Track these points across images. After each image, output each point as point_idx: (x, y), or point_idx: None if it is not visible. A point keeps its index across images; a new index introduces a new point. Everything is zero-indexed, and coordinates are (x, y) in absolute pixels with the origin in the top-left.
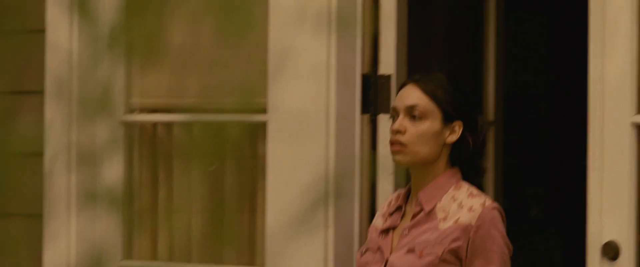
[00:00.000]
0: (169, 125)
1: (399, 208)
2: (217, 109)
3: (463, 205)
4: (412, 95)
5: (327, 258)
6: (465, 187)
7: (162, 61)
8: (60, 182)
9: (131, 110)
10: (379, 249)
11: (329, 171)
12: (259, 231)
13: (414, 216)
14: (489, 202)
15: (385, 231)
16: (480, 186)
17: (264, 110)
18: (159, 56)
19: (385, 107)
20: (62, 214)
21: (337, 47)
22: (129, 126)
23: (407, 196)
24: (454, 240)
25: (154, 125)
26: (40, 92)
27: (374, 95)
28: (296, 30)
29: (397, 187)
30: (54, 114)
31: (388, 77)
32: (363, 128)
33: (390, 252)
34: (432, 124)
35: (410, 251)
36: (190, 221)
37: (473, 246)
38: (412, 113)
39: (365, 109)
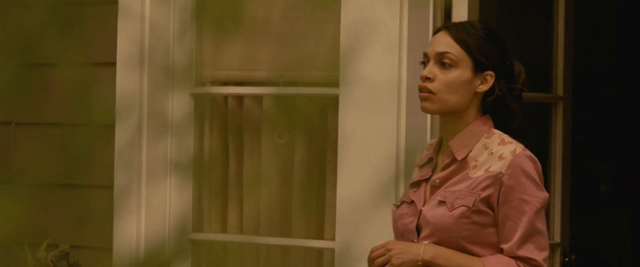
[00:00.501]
0: (240, 98)
1: (430, 160)
2: (289, 82)
3: (494, 153)
4: (443, 42)
5: None
6: (497, 135)
7: (237, 33)
8: (132, 153)
9: (203, 83)
10: (412, 202)
11: (400, 144)
12: (329, 204)
13: (445, 167)
14: (520, 149)
15: (417, 183)
16: (515, 132)
17: (336, 84)
18: (237, 27)
19: None
20: (133, 186)
21: (410, 19)
22: (200, 98)
23: (438, 147)
24: (485, 188)
25: (226, 98)
26: (114, 64)
27: None
28: (369, 2)
29: None
30: (126, 84)
31: None
32: None
33: (423, 205)
34: (462, 72)
35: (442, 202)
36: (260, 194)
37: (504, 195)
38: (441, 60)
39: None
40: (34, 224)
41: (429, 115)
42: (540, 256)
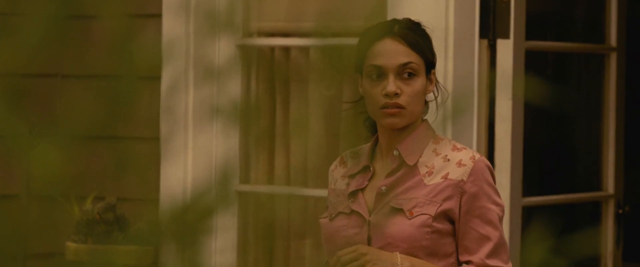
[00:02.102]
0: (286, 49)
1: (365, 168)
2: (335, 33)
3: (449, 159)
4: (400, 52)
5: None
6: (446, 141)
7: None
8: (179, 102)
9: (249, 34)
10: (353, 212)
11: (447, 91)
12: None
13: (391, 173)
14: (477, 155)
15: (353, 193)
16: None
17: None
18: None
19: (504, 32)
20: (180, 135)
21: None
22: (246, 49)
23: (371, 154)
24: (446, 199)
25: (272, 49)
26: (160, 16)
27: (493, 20)
28: None
29: (515, 111)
30: (172, 32)
31: (508, 3)
32: (481, 52)
33: (369, 214)
34: (422, 79)
35: (397, 210)
36: (306, 146)
37: (467, 204)
38: (403, 72)
39: (483, 33)
40: (80, 177)
41: (475, 63)
42: (505, 264)
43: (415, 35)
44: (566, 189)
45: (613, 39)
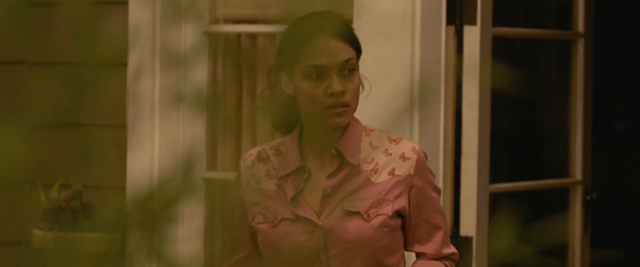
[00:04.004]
0: (253, 36)
1: (299, 169)
2: None
3: (391, 152)
4: (340, 49)
5: None
6: (377, 131)
7: None
8: (145, 88)
9: (216, 21)
10: (298, 217)
11: (414, 75)
12: None
13: (333, 173)
14: (417, 145)
15: (294, 197)
16: None
17: (349, 20)
18: None
19: (471, 19)
20: (145, 122)
21: None
22: (213, 36)
23: (300, 153)
24: (398, 196)
25: (238, 35)
26: (126, 3)
27: (460, 7)
28: None
29: (483, 98)
30: (138, 19)
31: None
32: (448, 38)
33: (319, 218)
34: (358, 73)
35: (353, 213)
36: (272, 132)
37: (416, 197)
38: (344, 69)
39: (450, 19)
40: (46, 164)
41: (442, 48)
42: (455, 249)
43: (349, 30)
44: (534, 176)
45: (580, 25)
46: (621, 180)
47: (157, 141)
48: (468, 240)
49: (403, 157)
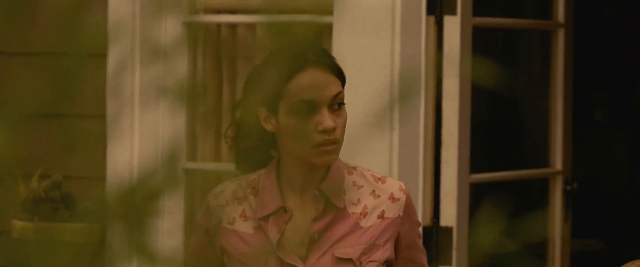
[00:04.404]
0: (233, 26)
1: (280, 210)
2: (282, 10)
3: (379, 194)
4: (329, 83)
5: (391, 161)
6: (359, 169)
7: None
8: (125, 80)
9: (196, 11)
10: (283, 264)
11: (394, 71)
12: None
13: (320, 217)
14: (402, 184)
15: (280, 242)
16: None
17: (329, 12)
18: None
19: (451, 9)
20: (126, 113)
21: None
22: (193, 27)
23: (279, 192)
24: (388, 240)
25: (218, 26)
26: None
27: None
28: None
29: (463, 88)
30: (118, 9)
31: None
32: (428, 29)
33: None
34: (345, 108)
35: (345, 260)
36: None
37: (402, 240)
38: (334, 103)
39: (430, 10)
40: (26, 155)
41: (422, 43)
42: None
43: (334, 60)
44: (514, 166)
45: (560, 15)
46: (601, 170)
47: (137, 132)
48: (448, 230)
49: (392, 198)
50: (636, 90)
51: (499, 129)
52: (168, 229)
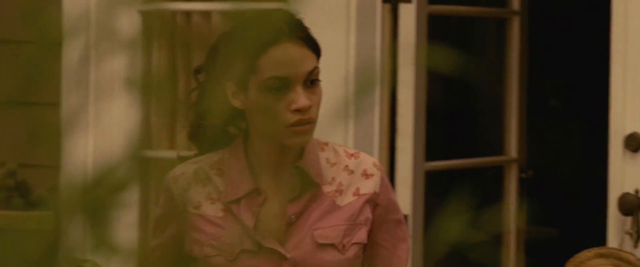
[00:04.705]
0: (188, 13)
1: (254, 191)
2: None
3: (352, 169)
4: (305, 58)
5: None
6: (330, 145)
7: None
8: (81, 71)
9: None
10: (262, 248)
11: (350, 63)
12: None
13: (296, 197)
14: (376, 160)
15: (255, 226)
16: None
17: (284, 1)
18: None
19: None
20: (82, 104)
21: None
22: (148, 15)
23: (250, 174)
24: (367, 219)
25: (174, 13)
26: None
27: None
28: None
29: (418, 76)
30: (73, 1)
31: None
32: (384, 17)
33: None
34: (320, 85)
35: (328, 245)
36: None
37: (379, 218)
38: (309, 79)
39: None
40: None
41: (378, 32)
42: None
43: (309, 34)
44: (469, 154)
45: (515, 3)
46: (556, 158)
47: (92, 121)
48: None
49: (366, 175)
50: (591, 77)
51: (453, 117)
52: (124, 221)
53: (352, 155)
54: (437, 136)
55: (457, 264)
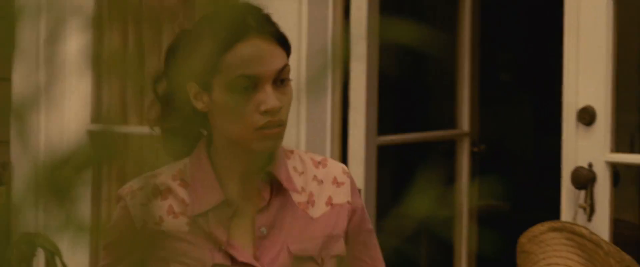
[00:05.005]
0: None
1: (224, 203)
2: None
3: (321, 179)
4: (275, 55)
5: (299, 124)
6: (296, 153)
7: None
8: (31, 46)
9: None
10: (235, 262)
11: (302, 35)
12: None
13: (265, 208)
14: (344, 166)
15: (228, 241)
16: None
17: None
18: None
19: None
20: (32, 79)
21: None
22: None
23: (218, 184)
24: (342, 230)
25: None
26: None
27: None
28: None
29: (370, 50)
30: None
31: None
32: None
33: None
34: (290, 84)
35: (306, 259)
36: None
37: (354, 229)
38: (279, 78)
39: None
40: None
41: (330, 3)
42: None
43: (278, 29)
44: (422, 128)
45: None
46: (507, 131)
47: (45, 98)
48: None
49: (336, 183)
50: (542, 51)
51: (406, 91)
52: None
53: (319, 163)
54: (390, 110)
55: (412, 237)
